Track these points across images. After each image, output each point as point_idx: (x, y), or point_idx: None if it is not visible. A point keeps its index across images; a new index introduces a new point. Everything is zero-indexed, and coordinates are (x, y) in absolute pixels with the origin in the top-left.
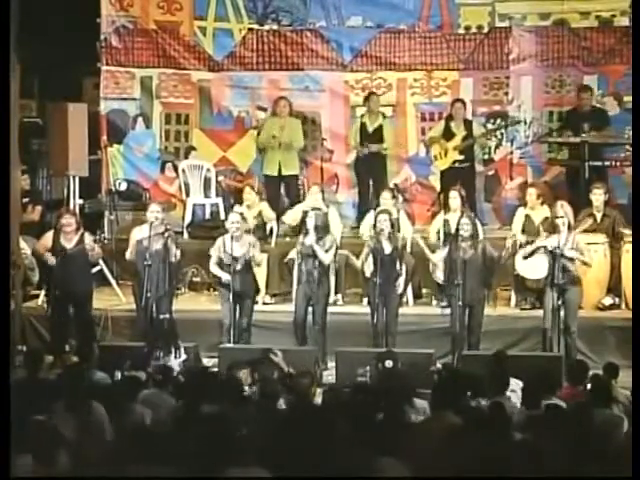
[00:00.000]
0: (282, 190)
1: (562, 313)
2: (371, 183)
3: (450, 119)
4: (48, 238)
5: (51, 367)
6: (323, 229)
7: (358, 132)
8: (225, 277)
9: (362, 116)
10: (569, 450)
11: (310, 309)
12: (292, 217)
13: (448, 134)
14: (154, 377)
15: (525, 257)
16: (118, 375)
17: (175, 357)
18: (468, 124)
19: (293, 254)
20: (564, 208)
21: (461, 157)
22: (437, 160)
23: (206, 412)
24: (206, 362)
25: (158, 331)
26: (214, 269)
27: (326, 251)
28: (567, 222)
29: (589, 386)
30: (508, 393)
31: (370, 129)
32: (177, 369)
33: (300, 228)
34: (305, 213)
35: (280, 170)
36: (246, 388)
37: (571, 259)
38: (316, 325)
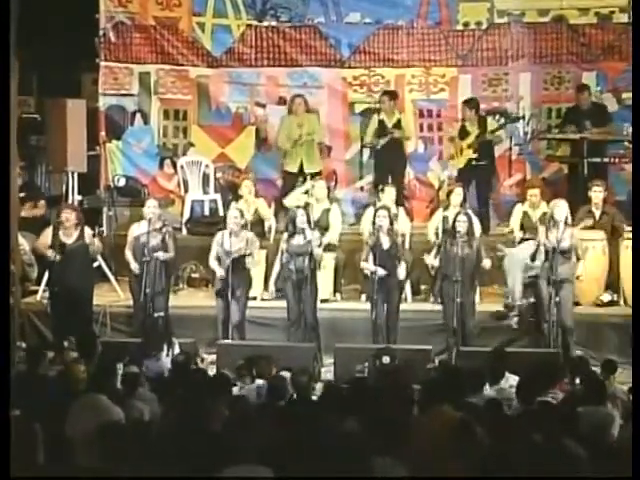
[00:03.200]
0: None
1: (557, 309)
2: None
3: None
4: (47, 234)
5: (51, 363)
6: (315, 224)
7: (375, 129)
8: (219, 272)
9: (378, 113)
10: (562, 447)
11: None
12: (296, 197)
13: (463, 133)
14: (147, 374)
15: (533, 259)
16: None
17: (168, 354)
18: (482, 122)
19: None
20: (560, 204)
21: (475, 155)
22: (452, 159)
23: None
24: (205, 358)
25: (153, 328)
26: (212, 263)
27: (318, 246)
28: (563, 218)
29: (581, 382)
30: (507, 388)
31: (390, 124)
32: (170, 366)
33: (287, 227)
34: (294, 212)
35: (302, 167)
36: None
37: (566, 255)
38: (309, 322)
